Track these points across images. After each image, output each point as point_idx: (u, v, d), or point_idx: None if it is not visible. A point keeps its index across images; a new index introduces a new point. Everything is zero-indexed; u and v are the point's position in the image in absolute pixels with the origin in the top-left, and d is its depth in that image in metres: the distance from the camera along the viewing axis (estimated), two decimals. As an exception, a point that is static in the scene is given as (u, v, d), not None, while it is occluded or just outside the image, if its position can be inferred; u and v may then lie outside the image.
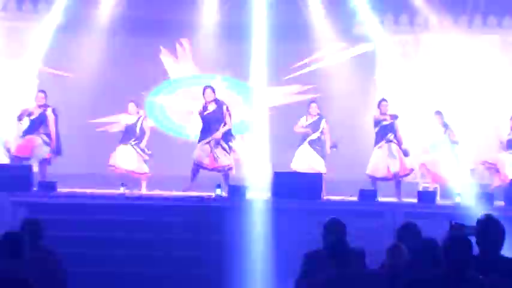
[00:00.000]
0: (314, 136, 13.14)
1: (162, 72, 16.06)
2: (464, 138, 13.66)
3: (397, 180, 12.82)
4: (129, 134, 13.31)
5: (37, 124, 12.70)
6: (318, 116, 13.27)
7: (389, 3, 15.07)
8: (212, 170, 12.83)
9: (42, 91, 13.02)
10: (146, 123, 13.60)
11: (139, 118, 13.43)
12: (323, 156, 13.14)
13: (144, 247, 10.34)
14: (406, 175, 13.03)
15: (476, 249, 5.36)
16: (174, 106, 16.05)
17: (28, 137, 12.66)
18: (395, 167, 12.69)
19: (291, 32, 14.89)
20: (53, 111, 12.80)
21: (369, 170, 12.84)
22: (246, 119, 15.26)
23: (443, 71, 15.07)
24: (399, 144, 12.85)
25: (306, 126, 13.21)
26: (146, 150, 13.37)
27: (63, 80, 14.91)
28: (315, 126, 13.20)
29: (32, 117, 12.75)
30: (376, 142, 12.97)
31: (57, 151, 12.79)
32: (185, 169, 12.79)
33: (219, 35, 15.05)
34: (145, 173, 13.30)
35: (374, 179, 12.82)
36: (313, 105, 13.39)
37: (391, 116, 12.96)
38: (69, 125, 13.75)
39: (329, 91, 15.18)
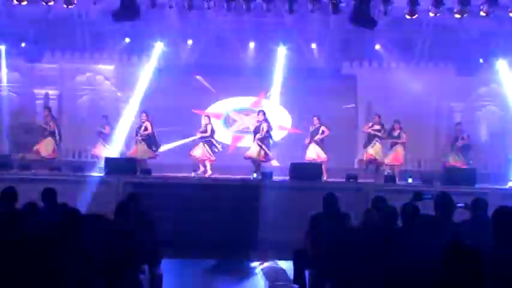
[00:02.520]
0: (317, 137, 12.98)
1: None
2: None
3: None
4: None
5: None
6: (318, 125, 13.08)
7: (363, 52, 14.87)
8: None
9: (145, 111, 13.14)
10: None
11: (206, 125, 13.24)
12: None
13: (206, 210, 10.32)
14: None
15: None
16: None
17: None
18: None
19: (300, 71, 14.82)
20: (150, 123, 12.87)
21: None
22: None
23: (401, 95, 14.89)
24: None
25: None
26: (218, 145, 13.16)
27: (160, 100, 14.89)
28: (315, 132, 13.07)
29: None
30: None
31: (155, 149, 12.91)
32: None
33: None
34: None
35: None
36: (315, 118, 13.17)
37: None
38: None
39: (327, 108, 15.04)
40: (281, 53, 14.37)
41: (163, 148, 13.75)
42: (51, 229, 4.31)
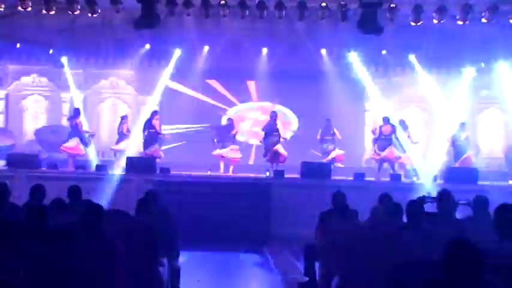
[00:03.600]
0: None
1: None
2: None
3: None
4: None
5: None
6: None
7: (372, 60, 14.80)
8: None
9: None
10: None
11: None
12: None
13: (222, 206, 10.33)
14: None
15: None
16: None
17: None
18: None
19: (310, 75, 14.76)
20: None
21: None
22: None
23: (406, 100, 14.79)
24: None
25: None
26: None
27: (175, 102, 14.91)
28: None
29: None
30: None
31: None
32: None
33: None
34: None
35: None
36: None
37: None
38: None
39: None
40: (292, 57, 14.31)
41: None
42: (76, 224, 4.35)
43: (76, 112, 13.04)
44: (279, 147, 12.51)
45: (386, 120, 12.70)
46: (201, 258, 8.59)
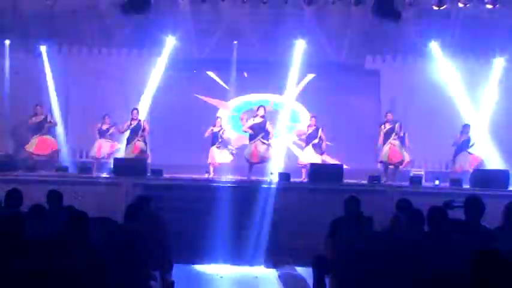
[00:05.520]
0: (315, 141, 12.90)
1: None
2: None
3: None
4: (216, 139, 13.21)
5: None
6: (315, 127, 12.95)
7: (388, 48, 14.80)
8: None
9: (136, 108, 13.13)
10: (225, 133, 13.51)
11: (221, 129, 13.35)
12: (320, 154, 12.86)
13: (221, 213, 10.33)
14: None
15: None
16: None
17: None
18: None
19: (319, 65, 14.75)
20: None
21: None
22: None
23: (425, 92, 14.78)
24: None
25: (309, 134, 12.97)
26: (232, 148, 13.35)
27: (169, 98, 14.96)
28: (314, 134, 12.93)
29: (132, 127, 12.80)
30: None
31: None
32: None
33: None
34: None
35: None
36: (313, 118, 13.07)
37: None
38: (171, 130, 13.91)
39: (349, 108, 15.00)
40: (299, 47, 14.29)
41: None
42: (57, 233, 4.34)
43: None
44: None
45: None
46: (197, 272, 8.59)
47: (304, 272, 8.15)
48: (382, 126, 12.74)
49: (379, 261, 4.44)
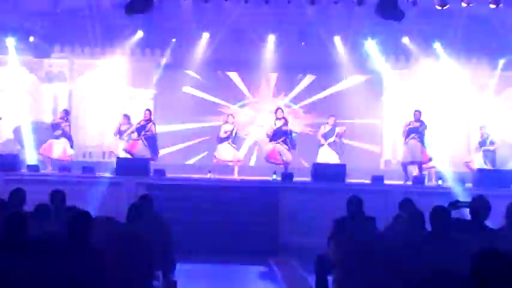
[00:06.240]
0: (331, 139, 12.94)
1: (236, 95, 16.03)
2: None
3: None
4: (227, 137, 13.10)
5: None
6: (332, 126, 12.98)
7: (391, 48, 14.78)
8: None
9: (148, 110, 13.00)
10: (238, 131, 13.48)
11: (234, 127, 13.27)
12: (337, 153, 12.89)
13: (224, 213, 10.34)
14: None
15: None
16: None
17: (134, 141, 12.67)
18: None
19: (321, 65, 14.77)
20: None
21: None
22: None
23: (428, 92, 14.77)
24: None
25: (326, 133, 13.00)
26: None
27: (172, 98, 14.97)
28: (331, 133, 12.97)
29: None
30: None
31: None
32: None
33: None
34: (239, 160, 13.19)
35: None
36: (332, 118, 13.08)
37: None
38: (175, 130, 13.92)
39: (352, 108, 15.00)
40: (302, 46, 14.30)
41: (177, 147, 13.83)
42: (60, 233, 4.35)
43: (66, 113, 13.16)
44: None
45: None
46: (200, 271, 8.59)
47: (306, 271, 8.15)
48: (406, 123, 12.61)
49: (382, 261, 4.44)
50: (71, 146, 12.90)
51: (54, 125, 12.97)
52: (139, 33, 14.54)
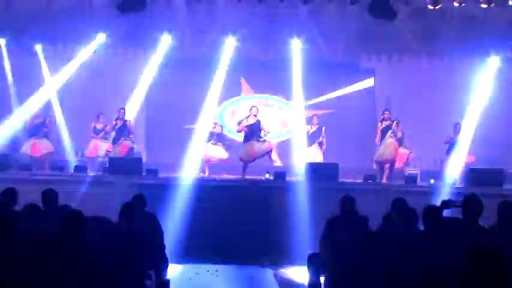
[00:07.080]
0: (320, 139, 12.93)
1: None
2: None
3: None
4: (212, 136, 13.23)
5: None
6: (318, 126, 13.00)
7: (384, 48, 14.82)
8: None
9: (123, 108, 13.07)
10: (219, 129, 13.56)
11: (215, 125, 13.36)
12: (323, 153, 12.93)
13: (216, 213, 10.32)
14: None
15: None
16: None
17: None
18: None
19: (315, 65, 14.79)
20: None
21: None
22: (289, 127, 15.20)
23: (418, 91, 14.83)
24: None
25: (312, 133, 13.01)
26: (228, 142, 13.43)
27: (164, 98, 14.95)
28: (318, 132, 12.98)
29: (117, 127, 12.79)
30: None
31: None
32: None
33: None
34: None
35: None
36: (315, 117, 13.09)
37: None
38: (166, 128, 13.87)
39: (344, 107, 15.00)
40: (295, 46, 14.28)
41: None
42: (52, 232, 4.33)
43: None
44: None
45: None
46: (192, 271, 8.59)
47: (299, 270, 8.17)
48: (379, 124, 12.73)
49: (374, 260, 4.45)
50: None
51: (36, 126, 12.96)
52: (132, 32, 14.41)
